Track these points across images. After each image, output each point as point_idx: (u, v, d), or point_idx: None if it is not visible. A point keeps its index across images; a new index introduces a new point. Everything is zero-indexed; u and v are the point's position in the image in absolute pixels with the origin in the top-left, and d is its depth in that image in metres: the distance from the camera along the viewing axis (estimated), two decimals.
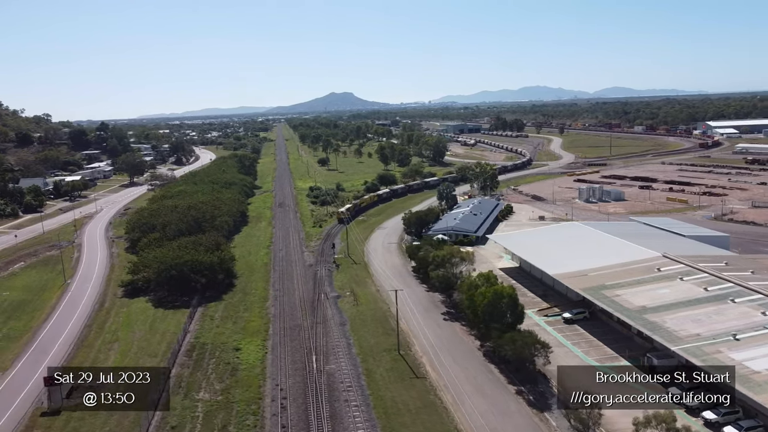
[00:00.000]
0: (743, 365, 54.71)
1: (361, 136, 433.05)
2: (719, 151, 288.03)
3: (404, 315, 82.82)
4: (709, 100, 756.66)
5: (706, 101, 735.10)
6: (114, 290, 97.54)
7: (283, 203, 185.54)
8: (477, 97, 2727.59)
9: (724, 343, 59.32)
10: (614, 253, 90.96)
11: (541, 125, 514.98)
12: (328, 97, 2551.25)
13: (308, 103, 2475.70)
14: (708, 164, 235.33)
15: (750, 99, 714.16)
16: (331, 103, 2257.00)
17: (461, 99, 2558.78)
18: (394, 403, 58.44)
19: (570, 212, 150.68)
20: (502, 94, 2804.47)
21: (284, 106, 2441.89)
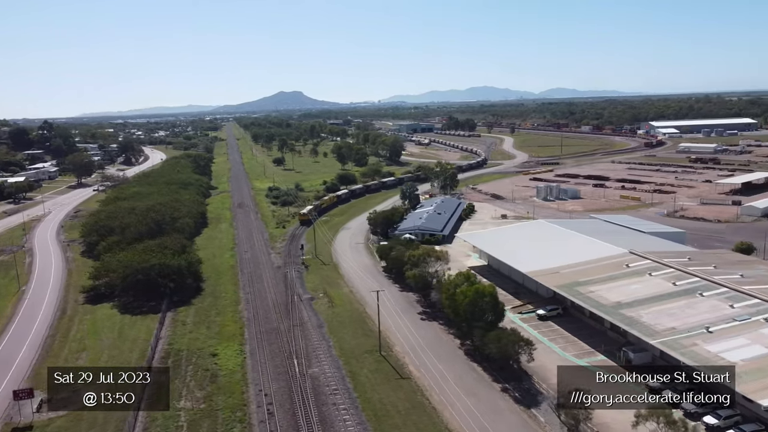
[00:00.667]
0: (719, 356, 56.85)
1: (315, 136, 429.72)
2: (663, 150, 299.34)
3: (381, 315, 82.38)
4: (649, 101, 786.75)
5: (647, 102, 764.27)
6: (75, 296, 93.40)
7: (243, 204, 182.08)
8: (426, 96, 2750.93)
9: (698, 335, 61.49)
10: (582, 250, 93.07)
11: (492, 125, 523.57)
12: (277, 96, 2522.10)
13: (257, 102, 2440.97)
14: (655, 163, 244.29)
15: (686, 100, 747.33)
16: (280, 102, 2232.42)
17: (410, 99, 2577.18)
18: (382, 405, 58.04)
19: (532, 211, 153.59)
20: (451, 94, 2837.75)
21: (232, 105, 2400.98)
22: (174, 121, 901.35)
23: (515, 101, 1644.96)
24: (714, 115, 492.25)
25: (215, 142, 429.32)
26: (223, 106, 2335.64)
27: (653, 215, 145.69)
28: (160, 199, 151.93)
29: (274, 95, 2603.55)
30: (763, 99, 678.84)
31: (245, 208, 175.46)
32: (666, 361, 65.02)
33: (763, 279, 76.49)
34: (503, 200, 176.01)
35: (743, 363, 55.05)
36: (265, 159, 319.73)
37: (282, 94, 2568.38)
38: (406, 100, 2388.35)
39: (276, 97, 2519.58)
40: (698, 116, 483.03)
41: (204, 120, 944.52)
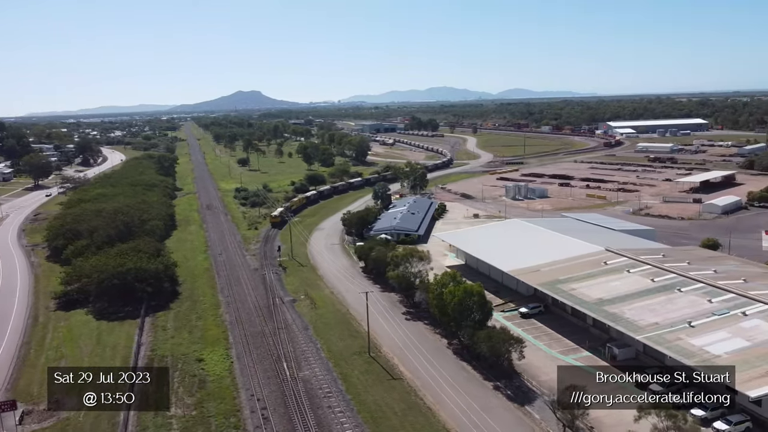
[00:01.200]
0: (704, 350, 58.71)
1: (278, 136, 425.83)
2: (622, 150, 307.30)
3: (370, 317, 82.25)
4: (604, 102, 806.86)
5: (602, 103, 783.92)
6: (45, 303, 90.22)
7: (211, 205, 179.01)
8: (386, 97, 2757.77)
9: (681, 330, 63.35)
10: (560, 249, 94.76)
11: (454, 125, 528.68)
12: (235, 96, 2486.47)
13: (215, 101, 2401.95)
14: (616, 162, 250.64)
15: (639, 101, 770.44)
16: (239, 101, 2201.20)
17: (370, 99, 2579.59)
18: (378, 407, 57.90)
19: (503, 210, 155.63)
20: (411, 94, 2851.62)
21: (188, 105, 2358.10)
22: (129, 121, 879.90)
23: (474, 101, 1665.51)
24: (667, 115, 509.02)
25: (175, 142, 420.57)
26: (180, 106, 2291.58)
27: (619, 213, 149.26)
28: (125, 201, 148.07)
29: (233, 95, 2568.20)
30: (710, 100, 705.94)
31: (214, 209, 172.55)
32: (650, 356, 66.96)
33: (734, 274, 79.29)
34: (473, 200, 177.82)
35: (727, 356, 57.02)
36: (229, 159, 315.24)
37: (240, 94, 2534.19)
38: (366, 100, 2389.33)
39: (234, 96, 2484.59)
40: (651, 117, 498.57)
41: (161, 120, 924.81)
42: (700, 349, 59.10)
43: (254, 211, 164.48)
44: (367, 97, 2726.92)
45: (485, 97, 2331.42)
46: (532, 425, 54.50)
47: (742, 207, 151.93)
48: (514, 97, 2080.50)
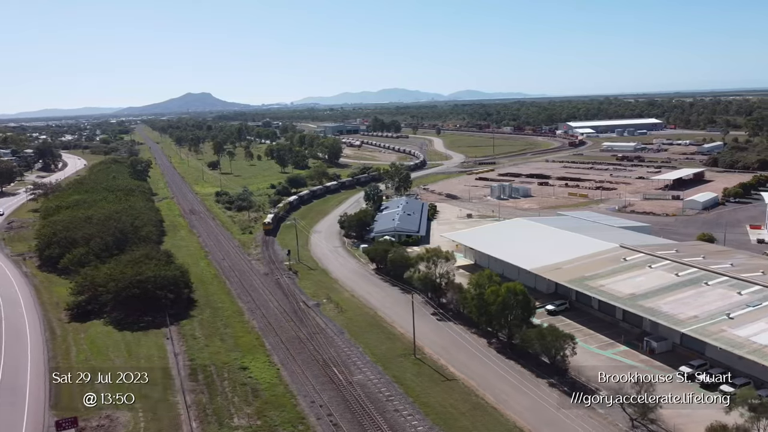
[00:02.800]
0: (750, 341, 61.06)
1: (242, 138, 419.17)
2: (588, 149, 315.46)
3: (395, 318, 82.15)
4: (557, 103, 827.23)
5: (556, 104, 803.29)
6: (56, 314, 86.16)
7: (194, 210, 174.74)
8: (339, 98, 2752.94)
9: (722, 322, 65.61)
10: (573, 246, 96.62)
11: (416, 126, 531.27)
12: (185, 98, 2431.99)
13: (163, 103, 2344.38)
14: (587, 161, 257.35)
15: (591, 102, 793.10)
16: (188, 103, 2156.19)
17: (323, 100, 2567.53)
18: (443, 408, 57.82)
19: (489, 209, 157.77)
20: (363, 95, 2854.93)
21: (136, 107, 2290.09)
22: (77, 124, 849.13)
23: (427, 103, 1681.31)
24: (620, 116, 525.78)
25: (135, 146, 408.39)
26: (127, 108, 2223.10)
27: (604, 211, 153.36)
28: (110, 207, 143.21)
29: (182, 97, 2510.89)
30: (657, 101, 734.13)
31: (198, 214, 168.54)
32: (687, 348, 69.15)
33: (751, 267, 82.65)
34: (459, 200, 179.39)
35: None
36: (197, 163, 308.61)
37: (190, 96, 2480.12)
38: (319, 101, 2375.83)
39: (184, 98, 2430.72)
40: (606, 117, 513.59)
41: (110, 123, 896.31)
42: (746, 339, 61.38)
43: (242, 215, 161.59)
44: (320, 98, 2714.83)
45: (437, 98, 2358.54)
46: (600, 420, 55.44)
47: (719, 203, 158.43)
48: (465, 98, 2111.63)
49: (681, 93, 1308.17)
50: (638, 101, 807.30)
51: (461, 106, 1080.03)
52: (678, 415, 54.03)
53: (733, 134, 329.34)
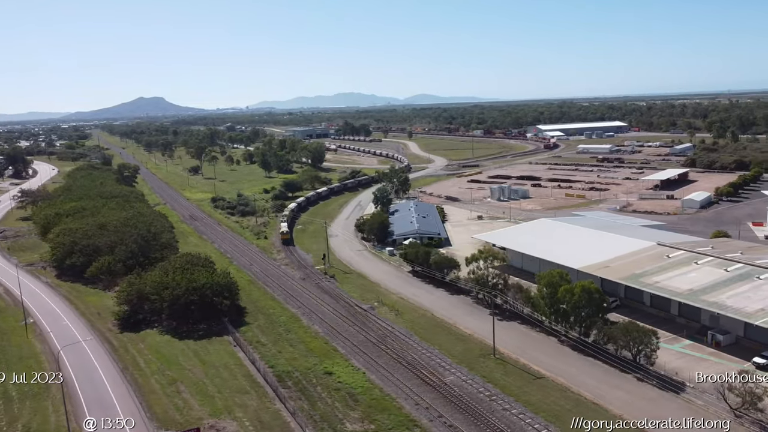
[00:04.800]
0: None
1: (214, 143, 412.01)
2: (564, 152, 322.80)
3: (456, 320, 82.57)
4: (521, 107, 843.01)
5: (518, 107, 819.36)
6: (104, 325, 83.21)
7: (194, 216, 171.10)
8: (294, 102, 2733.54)
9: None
10: (610, 245, 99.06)
11: (386, 130, 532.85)
12: (137, 102, 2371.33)
13: (114, 108, 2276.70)
14: (570, 163, 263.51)
15: (549, 105, 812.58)
16: (140, 108, 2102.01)
17: (278, 105, 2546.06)
18: (547, 406, 58.59)
19: (494, 211, 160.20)
20: (318, 99, 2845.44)
21: (85, 112, 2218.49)
22: (26, 130, 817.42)
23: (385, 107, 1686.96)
24: (583, 119, 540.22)
25: (101, 151, 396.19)
26: (75, 113, 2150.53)
27: (606, 211, 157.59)
28: (113, 214, 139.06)
29: (134, 101, 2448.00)
30: (614, 104, 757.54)
31: (200, 220, 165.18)
32: (751, 340, 71.96)
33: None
34: (460, 202, 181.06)
35: None
36: (175, 168, 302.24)
37: (142, 100, 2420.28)
38: (274, 106, 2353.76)
39: (136, 103, 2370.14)
40: (569, 120, 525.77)
41: (62, 128, 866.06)
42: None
43: (247, 221, 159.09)
44: (275, 103, 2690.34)
45: (393, 102, 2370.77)
46: (700, 411, 57.10)
47: (713, 202, 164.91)
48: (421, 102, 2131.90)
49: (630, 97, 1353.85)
50: (592, 104, 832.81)
51: (420, 109, 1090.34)
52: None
53: (700, 136, 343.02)
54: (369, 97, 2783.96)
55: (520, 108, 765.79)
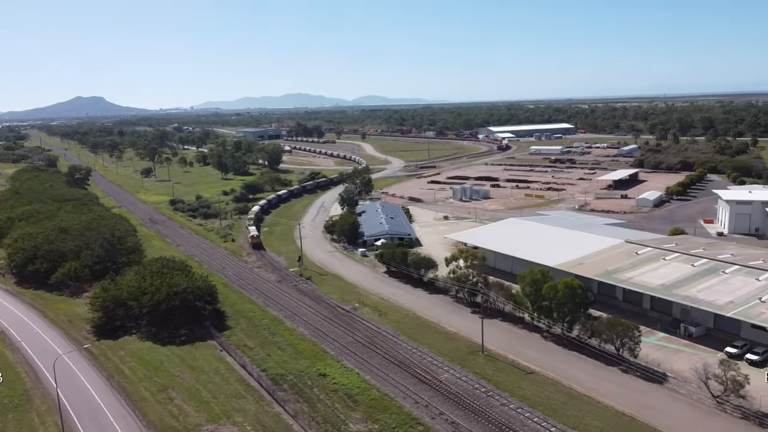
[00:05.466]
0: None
1: (163, 144, 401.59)
2: (517, 153, 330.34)
3: (440, 319, 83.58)
4: (470, 108, 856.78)
5: (467, 109, 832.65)
6: (78, 333, 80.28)
7: (154, 219, 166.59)
8: (240, 103, 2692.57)
9: (757, 305, 72.51)
10: (581, 243, 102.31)
11: (339, 132, 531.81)
12: (74, 102, 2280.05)
13: (50, 107, 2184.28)
14: (525, 164, 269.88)
15: (497, 108, 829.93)
16: (78, 108, 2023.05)
17: (224, 105, 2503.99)
18: (542, 400, 60.14)
19: (464, 211, 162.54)
20: (265, 100, 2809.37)
21: (18, 112, 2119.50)
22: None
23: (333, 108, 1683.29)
24: (530, 120, 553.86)
25: (44, 152, 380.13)
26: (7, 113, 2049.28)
27: (566, 210, 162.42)
28: (71, 217, 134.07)
29: (71, 100, 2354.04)
30: (560, 107, 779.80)
31: (161, 223, 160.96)
32: (721, 331, 75.81)
33: (748, 256, 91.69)
34: (423, 202, 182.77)
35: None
36: (125, 170, 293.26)
37: (80, 100, 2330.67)
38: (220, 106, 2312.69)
39: (73, 102, 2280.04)
40: (517, 122, 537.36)
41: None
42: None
43: (211, 223, 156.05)
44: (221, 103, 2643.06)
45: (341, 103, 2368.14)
46: (684, 400, 59.87)
47: (665, 200, 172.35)
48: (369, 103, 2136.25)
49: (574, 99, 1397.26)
50: (538, 107, 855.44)
51: (370, 111, 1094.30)
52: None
53: (644, 138, 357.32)
54: (317, 98, 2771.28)
55: (470, 110, 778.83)
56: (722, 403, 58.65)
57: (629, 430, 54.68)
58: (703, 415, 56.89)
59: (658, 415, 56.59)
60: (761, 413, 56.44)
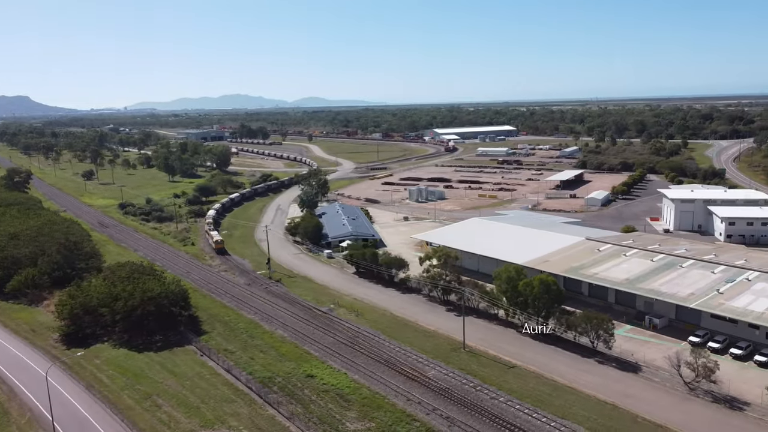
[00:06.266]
0: (749, 310, 73.09)
1: (102, 146, 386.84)
2: (464, 154, 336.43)
3: (417, 318, 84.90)
4: (414, 111, 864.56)
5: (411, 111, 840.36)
6: (44, 343, 77.03)
7: (104, 223, 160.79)
8: (177, 104, 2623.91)
9: (716, 297, 77.41)
10: (544, 241, 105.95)
11: (284, 133, 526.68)
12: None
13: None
14: (474, 165, 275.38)
15: (439, 110, 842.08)
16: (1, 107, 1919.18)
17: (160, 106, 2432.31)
18: (529, 392, 62.26)
19: (422, 212, 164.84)
20: (203, 101, 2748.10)
21: None
22: None
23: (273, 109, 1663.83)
24: (473, 123, 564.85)
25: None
26: None
27: (519, 209, 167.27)
28: (17, 223, 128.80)
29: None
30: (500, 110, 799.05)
31: (111, 227, 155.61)
32: (682, 321, 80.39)
33: (700, 251, 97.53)
34: (380, 203, 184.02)
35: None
36: (63, 173, 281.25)
37: (3, 99, 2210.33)
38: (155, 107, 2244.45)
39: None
40: (459, 125, 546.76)
41: None
42: (744, 309, 73.41)
43: (167, 227, 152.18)
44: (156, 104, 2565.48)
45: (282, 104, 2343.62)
46: (659, 387, 63.31)
47: (611, 200, 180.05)
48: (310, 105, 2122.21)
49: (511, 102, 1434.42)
50: (478, 109, 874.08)
51: (312, 112, 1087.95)
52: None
53: (584, 140, 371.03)
54: (256, 99, 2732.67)
55: (413, 112, 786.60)
56: (694, 389, 62.38)
57: (613, 417, 57.40)
58: (678, 400, 60.38)
59: (638, 402, 59.71)
60: (730, 396, 60.47)
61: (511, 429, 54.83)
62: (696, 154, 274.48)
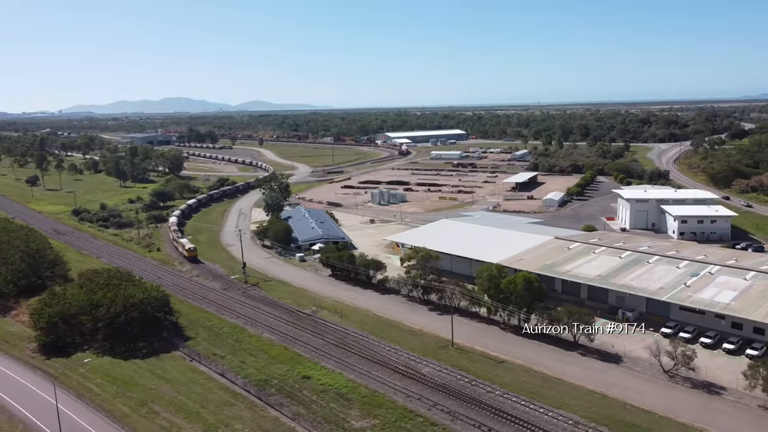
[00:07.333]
0: (716, 301, 77.89)
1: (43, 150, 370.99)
2: (418, 157, 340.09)
3: (401, 318, 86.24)
4: (363, 115, 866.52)
5: (360, 115, 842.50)
6: (21, 353, 74.27)
7: (59, 230, 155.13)
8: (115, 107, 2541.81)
9: (684, 290, 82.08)
10: (515, 241, 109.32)
11: (234, 137, 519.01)
12: None
13: None
14: (430, 168, 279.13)
15: (387, 114, 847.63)
16: None
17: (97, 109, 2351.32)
18: (521, 385, 64.50)
19: (385, 214, 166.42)
20: (143, 104, 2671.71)
21: None
22: None
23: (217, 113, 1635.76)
24: (422, 126, 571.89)
25: None
26: None
27: (481, 211, 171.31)
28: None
29: None
30: (448, 114, 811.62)
31: (69, 234, 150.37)
32: (652, 314, 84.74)
33: (662, 247, 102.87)
34: (343, 207, 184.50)
35: (734, 303, 76.90)
36: (3, 179, 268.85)
37: None
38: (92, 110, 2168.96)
39: None
40: (409, 128, 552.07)
41: None
42: (711, 301, 78.21)
43: (127, 233, 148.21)
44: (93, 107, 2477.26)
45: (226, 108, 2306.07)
46: (641, 376, 66.80)
47: (567, 200, 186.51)
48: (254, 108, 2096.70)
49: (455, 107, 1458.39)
50: (425, 113, 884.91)
51: (259, 116, 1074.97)
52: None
53: (533, 143, 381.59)
54: (200, 103, 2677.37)
55: (362, 116, 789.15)
56: (673, 376, 66.16)
57: (604, 405, 60.31)
58: (661, 387, 63.92)
59: (625, 391, 62.89)
60: (707, 382, 64.49)
61: (512, 420, 56.87)
62: (638, 157, 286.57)
